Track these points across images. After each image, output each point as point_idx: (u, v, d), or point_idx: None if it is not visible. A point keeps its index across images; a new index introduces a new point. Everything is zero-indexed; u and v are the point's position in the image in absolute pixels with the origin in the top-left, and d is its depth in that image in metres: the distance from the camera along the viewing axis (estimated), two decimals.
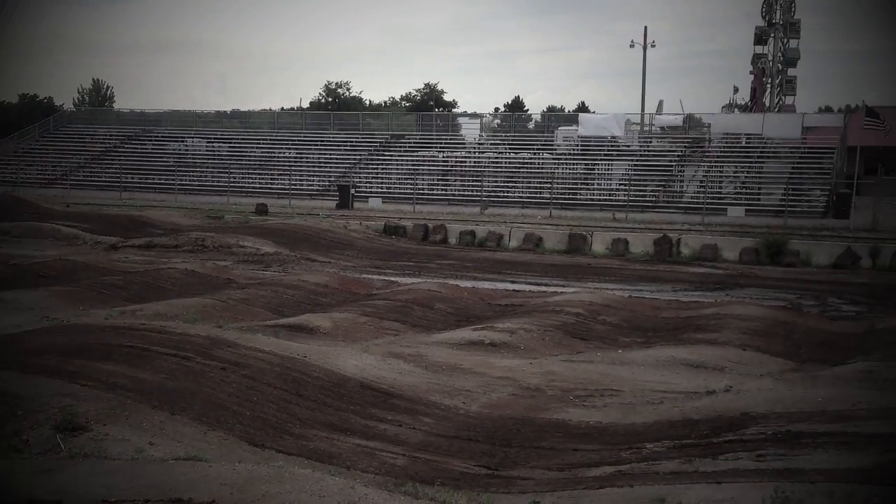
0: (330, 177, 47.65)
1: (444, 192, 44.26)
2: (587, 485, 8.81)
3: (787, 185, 38.53)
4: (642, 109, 58.38)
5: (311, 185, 47.58)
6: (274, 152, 51.59)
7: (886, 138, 38.01)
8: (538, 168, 45.54)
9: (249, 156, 51.50)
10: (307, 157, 50.52)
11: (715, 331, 17.02)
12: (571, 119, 55.36)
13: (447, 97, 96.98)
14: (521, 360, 14.77)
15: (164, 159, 51.87)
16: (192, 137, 55.37)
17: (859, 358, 14.75)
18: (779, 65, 64.24)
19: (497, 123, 59.96)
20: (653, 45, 60.32)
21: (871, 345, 15.86)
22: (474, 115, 58.12)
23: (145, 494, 6.58)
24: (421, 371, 13.45)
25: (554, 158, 46.42)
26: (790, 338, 17.00)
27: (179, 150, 53.72)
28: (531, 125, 59.27)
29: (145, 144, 55.29)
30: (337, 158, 50.00)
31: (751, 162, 42.54)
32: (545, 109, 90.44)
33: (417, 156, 48.47)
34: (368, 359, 13.48)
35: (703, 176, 41.27)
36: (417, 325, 18.13)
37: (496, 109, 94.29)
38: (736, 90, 68.49)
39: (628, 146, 47.00)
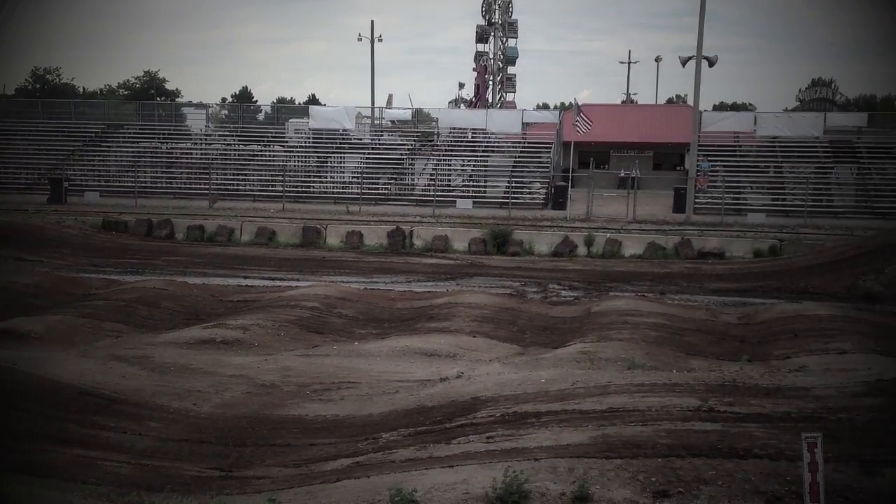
0: (40, 169, 44.02)
1: (169, 185, 42.32)
2: (324, 479, 8.75)
3: (511, 177, 40.64)
4: (372, 103, 59.24)
5: (17, 178, 43.72)
6: None
7: (594, 134, 40.97)
8: (269, 160, 44.80)
9: None
10: (13, 148, 46.28)
11: (447, 319, 17.60)
12: (302, 111, 54.98)
13: (170, 86, 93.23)
14: (256, 357, 14.49)
15: None
16: None
17: (577, 340, 15.84)
18: (499, 62, 67.56)
19: (225, 114, 58.15)
20: (380, 40, 61.33)
21: (586, 327, 17.07)
22: (200, 106, 55.79)
23: None
24: (147, 373, 12.81)
25: (286, 151, 45.90)
26: (516, 323, 17.93)
27: None
28: (261, 117, 58.23)
29: None
30: (47, 149, 46.22)
31: (477, 155, 44.43)
32: (275, 101, 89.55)
33: (138, 147, 45.93)
34: (87, 363, 12.66)
35: (433, 169, 42.52)
36: (143, 326, 17.32)
37: (223, 100, 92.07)
38: (462, 86, 71.21)
39: (360, 139, 47.47)
